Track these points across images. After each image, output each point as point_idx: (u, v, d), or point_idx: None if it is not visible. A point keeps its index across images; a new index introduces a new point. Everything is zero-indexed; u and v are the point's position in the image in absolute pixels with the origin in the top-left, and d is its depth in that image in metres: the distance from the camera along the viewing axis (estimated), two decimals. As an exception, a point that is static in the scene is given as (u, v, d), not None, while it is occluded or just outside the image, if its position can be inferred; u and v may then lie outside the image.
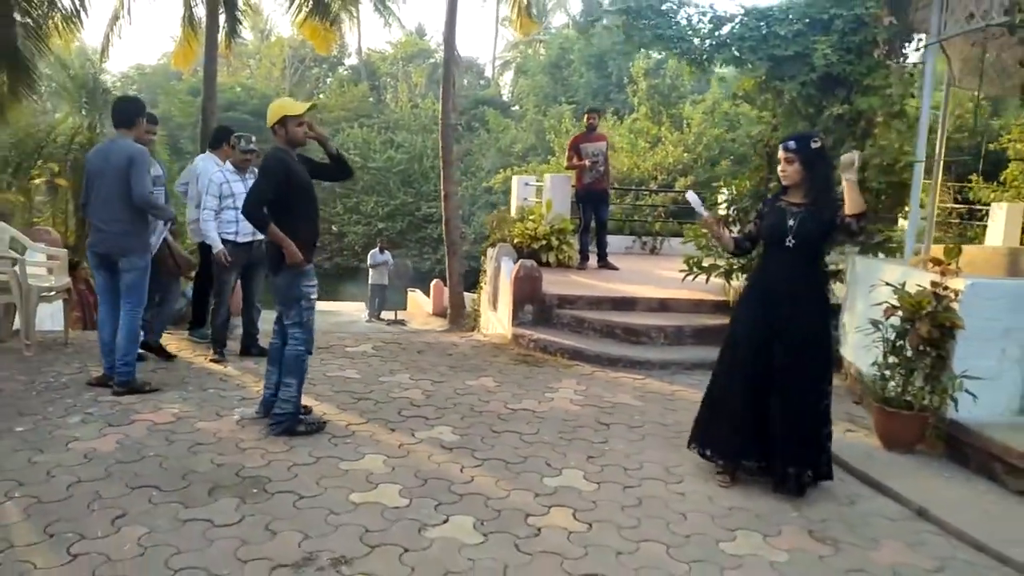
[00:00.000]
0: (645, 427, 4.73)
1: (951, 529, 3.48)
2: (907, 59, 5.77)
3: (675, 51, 5.96)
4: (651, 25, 5.90)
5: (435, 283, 16.34)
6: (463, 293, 11.89)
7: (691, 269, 6.84)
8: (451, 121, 12.41)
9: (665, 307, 7.09)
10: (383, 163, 28.96)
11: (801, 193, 3.76)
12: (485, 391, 5.32)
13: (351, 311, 16.97)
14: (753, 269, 4.24)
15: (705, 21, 5.85)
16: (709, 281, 6.95)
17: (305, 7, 13.36)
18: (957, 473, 4.15)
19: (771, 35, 5.61)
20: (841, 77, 5.59)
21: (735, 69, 6.38)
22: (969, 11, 5.10)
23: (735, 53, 5.70)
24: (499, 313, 7.74)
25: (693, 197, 3.99)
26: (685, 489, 3.80)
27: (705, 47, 5.82)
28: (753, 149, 6.37)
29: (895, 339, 4.46)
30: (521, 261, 7.08)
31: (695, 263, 6.95)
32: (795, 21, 5.85)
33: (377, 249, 16.23)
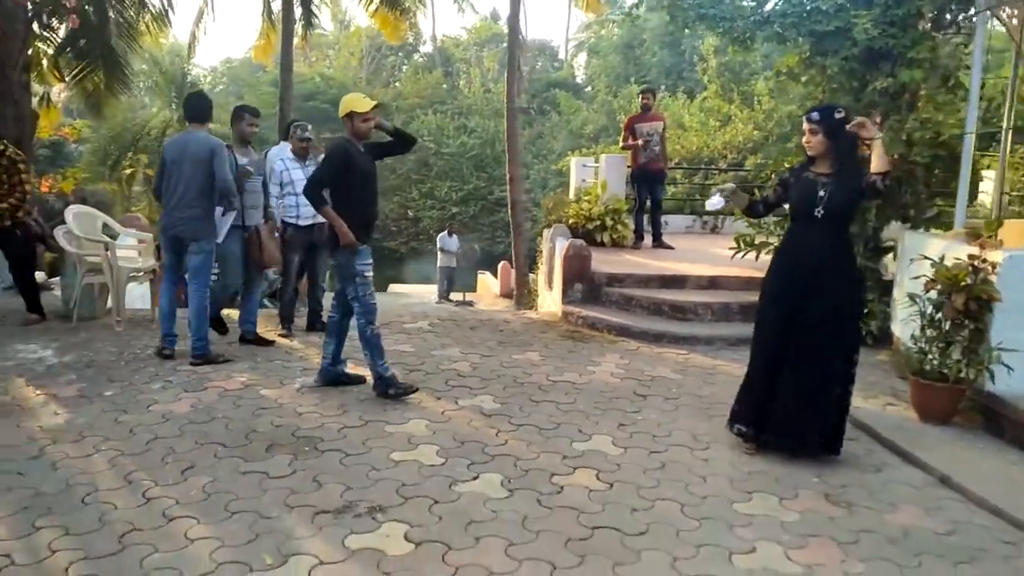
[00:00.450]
0: (681, 399, 4.88)
1: (972, 496, 3.52)
2: (960, 29, 5.63)
3: (719, 30, 6.01)
4: (695, 5, 5.96)
5: (502, 265, 16.65)
6: (529, 274, 12.14)
7: (740, 246, 6.88)
8: (515, 104, 12.61)
9: (715, 284, 7.16)
10: (456, 148, 29.44)
11: (828, 164, 3.80)
12: (530, 364, 5.57)
13: (423, 293, 17.49)
14: (780, 242, 4.32)
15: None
16: (759, 258, 6.96)
17: (376, -4, 13.80)
18: (990, 445, 4.15)
19: (813, 11, 5.58)
20: (884, 51, 5.51)
21: (778, 46, 6.34)
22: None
23: (777, 30, 5.70)
24: (553, 292, 7.97)
25: (716, 202, 4.04)
26: (710, 456, 3.95)
27: (748, 24, 5.83)
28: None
29: (932, 312, 4.46)
30: (571, 240, 7.27)
31: (746, 241, 6.97)
32: None
33: (446, 232, 16.67)
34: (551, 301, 8.15)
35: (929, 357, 4.48)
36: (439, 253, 16.44)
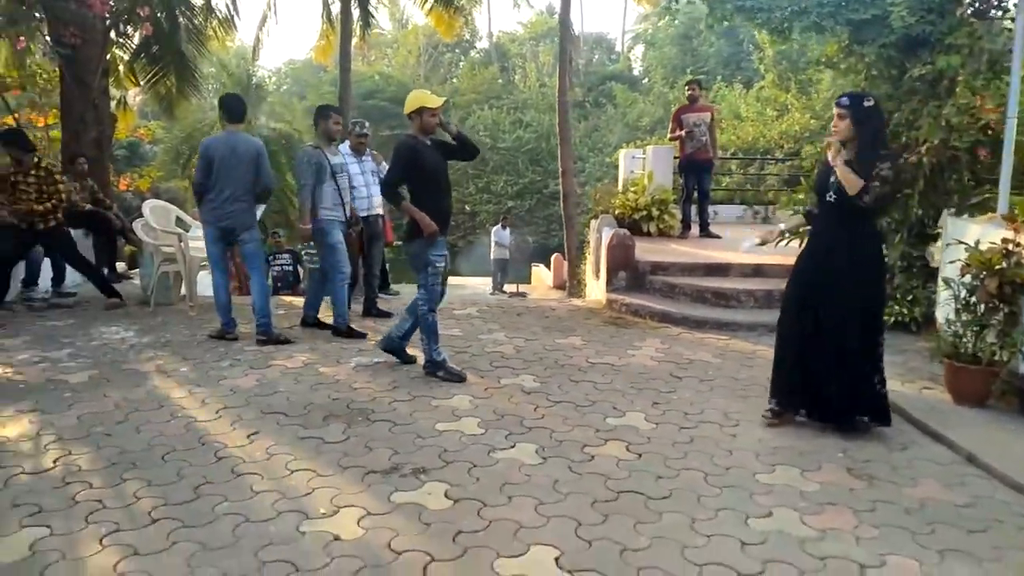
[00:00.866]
0: (716, 380, 5.04)
1: (996, 473, 3.60)
2: (1005, 12, 5.60)
3: (756, 21, 6.09)
4: (732, -4, 6.06)
5: (555, 257, 16.86)
6: (580, 265, 12.35)
7: (783, 234, 6.91)
8: (567, 98, 12.82)
9: (759, 272, 7.25)
10: (512, 143, 29.79)
11: (850, 150, 3.93)
12: (571, 348, 5.81)
13: (477, 285, 17.84)
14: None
15: (786, -11, 5.93)
16: (788, 245, 6.99)
17: (430, -5, 14.18)
18: (1022, 426, 4.20)
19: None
20: (922, 37, 5.53)
21: (815, 35, 6.38)
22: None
23: (815, 19, 5.75)
24: (599, 281, 8.17)
25: (748, 246, 4.32)
26: (738, 431, 4.12)
27: (786, 15, 5.90)
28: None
29: (967, 296, 4.52)
30: (615, 230, 7.46)
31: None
32: None
33: (499, 226, 16.99)
34: (597, 289, 8.35)
35: (964, 340, 4.53)
36: (493, 246, 16.79)
